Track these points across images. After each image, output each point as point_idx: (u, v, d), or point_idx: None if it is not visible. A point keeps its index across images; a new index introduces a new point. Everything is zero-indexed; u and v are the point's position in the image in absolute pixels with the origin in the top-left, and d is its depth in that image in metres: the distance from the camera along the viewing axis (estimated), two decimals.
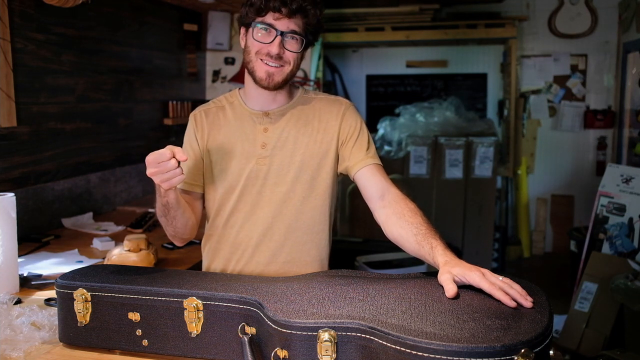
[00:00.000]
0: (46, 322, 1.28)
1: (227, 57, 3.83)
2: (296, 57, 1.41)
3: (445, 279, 1.09)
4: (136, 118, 3.05)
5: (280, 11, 1.35)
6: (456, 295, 1.06)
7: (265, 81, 1.41)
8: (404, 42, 4.62)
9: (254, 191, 1.47)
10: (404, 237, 1.32)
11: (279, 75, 1.41)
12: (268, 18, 1.37)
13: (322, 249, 1.53)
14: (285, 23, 1.37)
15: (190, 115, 1.56)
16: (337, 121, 1.49)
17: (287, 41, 1.38)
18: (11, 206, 1.56)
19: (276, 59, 1.38)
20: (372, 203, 1.43)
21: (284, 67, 1.40)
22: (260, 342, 1.06)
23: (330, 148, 1.48)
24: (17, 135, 2.24)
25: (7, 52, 2.13)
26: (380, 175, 1.45)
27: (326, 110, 1.51)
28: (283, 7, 1.35)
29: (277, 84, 1.42)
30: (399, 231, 1.33)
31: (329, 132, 1.48)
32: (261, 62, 1.40)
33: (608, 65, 4.59)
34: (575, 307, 3.02)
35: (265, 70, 1.40)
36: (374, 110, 5.18)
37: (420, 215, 1.34)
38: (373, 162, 1.46)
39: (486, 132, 4.20)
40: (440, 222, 4.18)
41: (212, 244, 1.55)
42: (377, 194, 1.42)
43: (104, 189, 2.75)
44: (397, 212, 1.36)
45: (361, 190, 1.47)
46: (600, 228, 3.19)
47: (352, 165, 1.47)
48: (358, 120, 1.51)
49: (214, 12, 3.69)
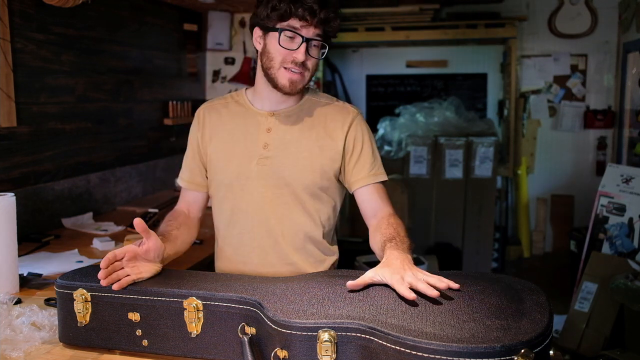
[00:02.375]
0: (46, 322, 1.28)
1: (227, 57, 3.83)
2: (316, 63, 1.42)
3: (363, 276, 1.13)
4: (136, 118, 3.05)
5: (306, 20, 1.34)
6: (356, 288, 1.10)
7: (289, 88, 1.40)
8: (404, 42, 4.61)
9: (254, 192, 1.46)
10: (375, 247, 1.38)
11: (300, 82, 1.41)
12: (294, 22, 1.34)
13: (324, 251, 1.53)
14: (310, 29, 1.35)
15: (195, 113, 1.56)
16: (343, 131, 1.47)
17: (312, 48, 1.38)
18: (11, 206, 1.56)
19: (300, 66, 1.37)
20: (367, 220, 1.49)
21: (304, 73, 1.40)
22: (260, 342, 1.06)
23: (334, 156, 1.46)
24: (17, 135, 2.24)
25: (7, 52, 2.13)
26: (378, 195, 1.47)
27: (333, 117, 1.48)
28: (310, 16, 1.33)
29: (298, 90, 1.42)
30: (374, 241, 1.40)
31: (334, 140, 1.46)
32: (285, 70, 1.38)
33: (608, 65, 4.58)
34: (575, 307, 3.02)
35: (289, 78, 1.38)
36: (374, 110, 5.17)
37: (394, 227, 1.36)
38: (373, 182, 1.47)
39: (486, 132, 4.20)
40: (440, 222, 4.18)
41: (217, 243, 1.57)
42: (371, 213, 1.47)
43: (104, 189, 2.75)
44: (378, 226, 1.40)
45: (359, 206, 1.50)
46: (600, 228, 3.19)
47: (353, 182, 1.48)
48: (364, 131, 1.50)
49: (214, 12, 3.69)
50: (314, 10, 1.33)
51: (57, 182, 2.44)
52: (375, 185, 1.47)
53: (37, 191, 2.32)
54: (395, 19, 4.31)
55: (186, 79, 3.60)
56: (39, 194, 2.33)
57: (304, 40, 1.35)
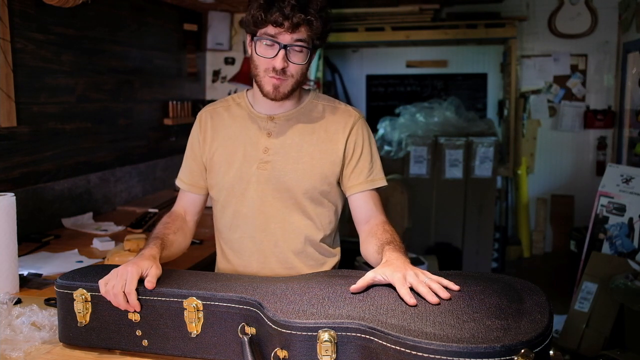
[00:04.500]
0: (46, 322, 1.28)
1: (227, 57, 3.83)
2: (301, 68, 1.37)
3: (364, 278, 1.12)
4: (136, 118, 3.05)
5: (282, 25, 1.30)
6: (358, 291, 1.10)
7: (272, 94, 1.38)
8: (404, 42, 4.61)
9: (255, 196, 1.45)
10: (369, 252, 1.37)
11: (284, 87, 1.37)
12: (270, 30, 1.31)
13: (325, 254, 1.53)
14: (287, 35, 1.31)
15: (197, 116, 1.56)
16: (344, 134, 1.46)
17: (292, 54, 1.34)
18: (11, 206, 1.56)
19: (281, 73, 1.34)
20: (358, 226, 1.49)
21: (288, 79, 1.37)
22: (260, 342, 1.06)
23: (335, 160, 1.45)
24: (17, 135, 2.24)
25: (7, 52, 2.13)
26: (372, 203, 1.46)
27: (334, 120, 1.47)
28: (285, 21, 1.29)
29: (284, 95, 1.39)
30: (366, 247, 1.40)
31: (335, 144, 1.45)
32: (268, 78, 1.36)
33: (608, 65, 4.59)
34: (575, 307, 3.02)
35: (272, 84, 1.36)
36: (374, 110, 5.18)
37: (390, 233, 1.36)
38: (368, 189, 1.46)
39: (486, 132, 4.20)
40: (440, 222, 4.18)
41: (219, 246, 1.57)
42: (364, 219, 1.47)
43: (104, 189, 2.75)
44: (372, 232, 1.40)
45: (351, 212, 1.49)
46: (600, 228, 3.19)
47: (349, 187, 1.47)
48: (365, 135, 1.48)
49: (214, 12, 3.69)
50: (287, 15, 1.28)
51: (57, 182, 2.44)
52: (371, 192, 1.47)
53: (37, 191, 2.32)
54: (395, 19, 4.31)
55: (186, 79, 3.60)
56: (39, 194, 2.33)
57: (282, 47, 1.32)
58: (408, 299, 1.04)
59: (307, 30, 1.33)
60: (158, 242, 1.35)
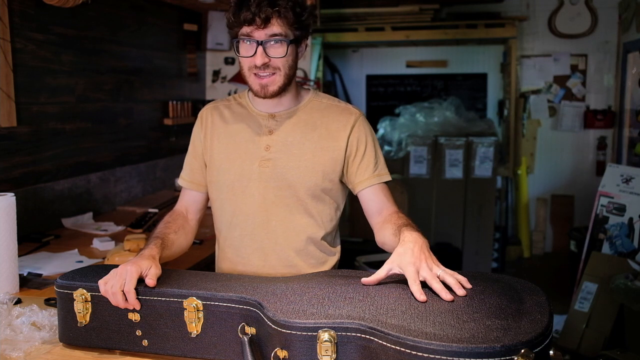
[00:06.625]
0: (46, 322, 1.28)
1: (227, 57, 3.83)
2: (284, 61, 1.37)
3: (379, 271, 1.14)
4: (136, 118, 3.05)
5: (253, 22, 1.32)
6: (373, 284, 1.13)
7: (261, 92, 1.39)
8: (404, 42, 4.62)
9: (256, 193, 1.45)
10: (386, 236, 1.38)
11: (272, 85, 1.38)
12: (245, 29, 1.34)
13: (326, 252, 1.53)
14: (262, 31, 1.33)
15: (199, 113, 1.57)
16: (346, 132, 1.46)
17: (270, 48, 1.35)
18: (11, 206, 1.56)
19: (264, 69, 1.36)
20: (371, 219, 1.48)
21: (275, 74, 1.37)
22: (260, 342, 1.06)
23: (337, 158, 1.46)
24: (17, 135, 2.24)
25: (7, 52, 2.13)
26: (383, 195, 1.47)
27: (335, 119, 1.47)
28: (255, 18, 1.31)
29: (273, 93, 1.39)
30: (382, 233, 1.40)
31: (337, 142, 1.46)
32: (254, 77, 1.38)
33: (608, 65, 4.59)
34: (575, 307, 3.02)
35: (259, 83, 1.38)
36: (374, 110, 5.18)
37: (405, 219, 1.37)
38: (377, 182, 1.47)
39: (486, 132, 4.20)
40: (440, 222, 4.18)
41: (219, 245, 1.56)
42: (376, 211, 1.47)
43: (104, 189, 2.75)
44: (387, 219, 1.40)
45: (363, 207, 1.49)
46: (600, 228, 3.19)
47: (357, 184, 1.47)
48: (367, 132, 1.49)
49: (214, 12, 3.68)
50: (255, 12, 1.31)
51: (57, 182, 2.44)
52: (380, 185, 1.47)
53: (37, 191, 2.32)
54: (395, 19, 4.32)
55: (186, 79, 3.60)
56: (39, 194, 2.33)
57: (258, 44, 1.34)
58: (418, 295, 1.05)
59: (280, 22, 1.34)
60: (158, 242, 1.35)
